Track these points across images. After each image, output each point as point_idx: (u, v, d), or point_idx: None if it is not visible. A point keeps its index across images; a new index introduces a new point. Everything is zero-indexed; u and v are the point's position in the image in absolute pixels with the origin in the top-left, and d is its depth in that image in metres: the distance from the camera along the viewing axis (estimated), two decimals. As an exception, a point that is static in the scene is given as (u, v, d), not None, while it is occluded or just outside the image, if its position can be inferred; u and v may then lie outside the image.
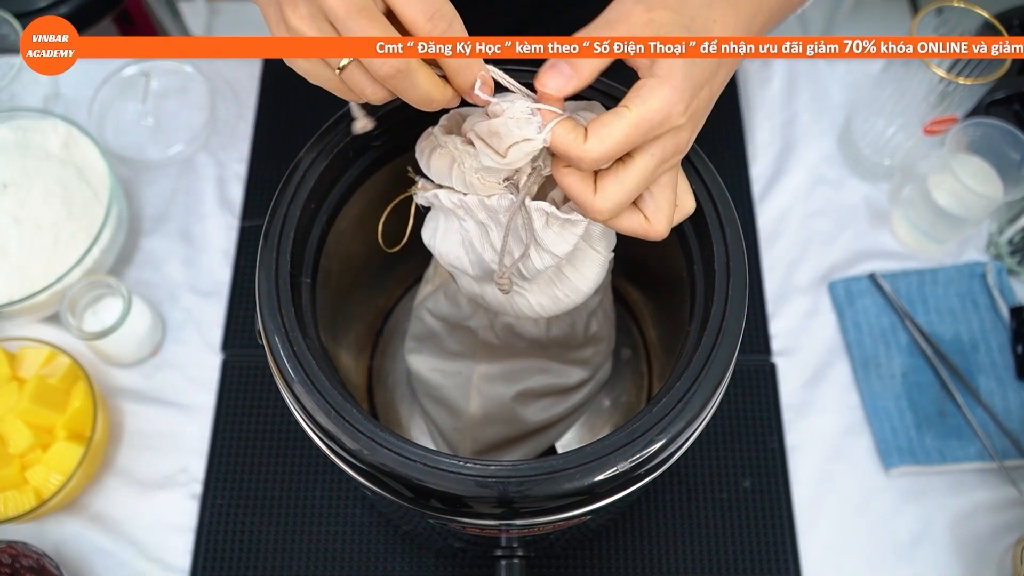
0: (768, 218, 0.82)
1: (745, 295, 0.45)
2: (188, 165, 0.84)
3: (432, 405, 0.62)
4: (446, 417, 0.62)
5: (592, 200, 0.39)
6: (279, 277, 0.45)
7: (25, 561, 0.61)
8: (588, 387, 0.62)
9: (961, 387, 0.73)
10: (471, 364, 0.59)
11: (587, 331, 0.59)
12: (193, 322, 0.77)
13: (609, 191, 0.39)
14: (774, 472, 0.71)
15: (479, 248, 0.45)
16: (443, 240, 0.47)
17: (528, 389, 0.59)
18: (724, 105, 0.87)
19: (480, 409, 0.59)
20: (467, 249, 0.46)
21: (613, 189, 0.39)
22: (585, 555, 0.69)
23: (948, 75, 0.67)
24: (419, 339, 0.62)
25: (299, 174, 0.48)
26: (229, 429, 0.72)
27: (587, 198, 0.39)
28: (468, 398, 0.60)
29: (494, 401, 0.59)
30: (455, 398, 0.60)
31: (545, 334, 0.57)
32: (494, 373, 0.59)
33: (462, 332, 0.59)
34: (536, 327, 0.57)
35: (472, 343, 0.59)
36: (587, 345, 0.60)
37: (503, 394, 0.59)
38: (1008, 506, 0.70)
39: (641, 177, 0.39)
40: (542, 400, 0.61)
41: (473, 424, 0.60)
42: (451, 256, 0.47)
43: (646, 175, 0.39)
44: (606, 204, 0.39)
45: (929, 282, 0.77)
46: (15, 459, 0.66)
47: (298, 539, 0.69)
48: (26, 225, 0.73)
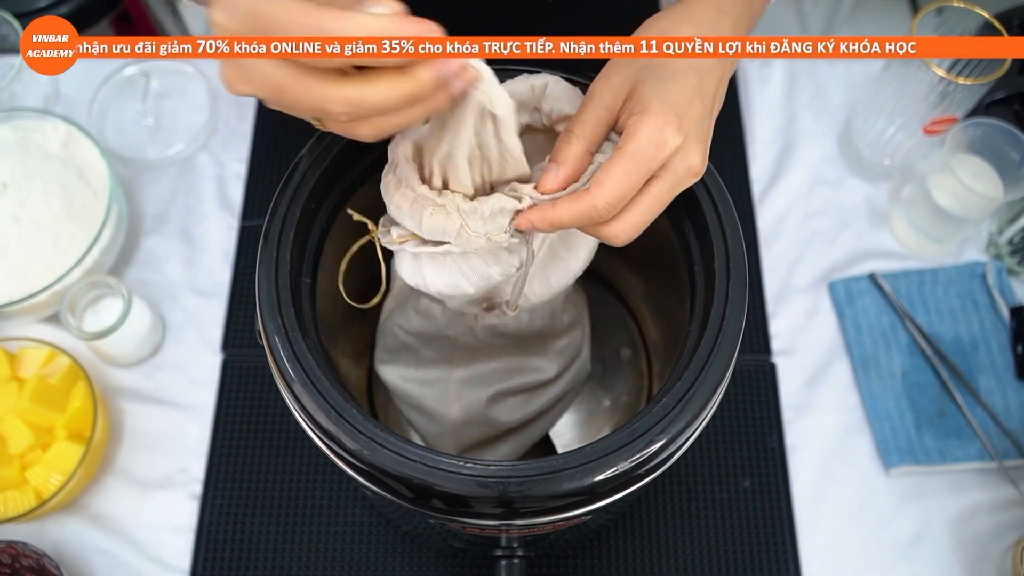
0: (768, 218, 0.82)
1: (745, 295, 0.45)
2: (188, 165, 0.84)
3: (412, 411, 0.62)
4: (426, 423, 0.61)
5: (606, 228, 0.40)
6: (279, 277, 0.45)
7: (25, 561, 0.61)
8: (565, 379, 0.62)
9: (961, 387, 0.73)
10: (448, 369, 0.59)
11: (563, 319, 0.59)
12: (193, 322, 0.77)
13: (625, 219, 0.40)
14: (774, 472, 0.71)
15: (486, 268, 0.44)
16: (435, 276, 0.45)
17: (502, 390, 0.59)
18: (724, 105, 0.86)
19: (460, 412, 0.59)
20: (467, 273, 0.44)
21: (628, 218, 0.39)
22: (585, 555, 0.69)
23: (948, 75, 0.67)
24: (391, 351, 0.61)
25: (299, 174, 0.48)
26: (229, 429, 0.72)
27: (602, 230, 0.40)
28: (448, 403, 0.59)
29: (473, 404, 0.59)
30: (434, 404, 0.60)
31: (528, 326, 0.57)
32: (471, 376, 0.58)
33: (440, 341, 0.58)
34: (518, 321, 0.56)
35: (449, 349, 0.58)
36: (564, 334, 0.60)
37: (479, 397, 0.59)
38: (1008, 506, 0.70)
39: (656, 202, 0.40)
40: (514, 398, 0.60)
41: (455, 428, 0.60)
42: (448, 288, 0.45)
43: (661, 200, 0.40)
44: (623, 230, 0.40)
45: (929, 282, 0.77)
46: (15, 459, 0.66)
47: (298, 539, 0.69)
48: (26, 225, 0.73)
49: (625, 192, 0.38)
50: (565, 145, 0.40)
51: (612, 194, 0.38)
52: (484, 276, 0.44)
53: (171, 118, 0.86)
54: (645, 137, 0.38)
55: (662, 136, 0.38)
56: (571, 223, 0.39)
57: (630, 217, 0.39)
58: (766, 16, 0.49)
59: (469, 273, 0.44)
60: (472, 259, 0.43)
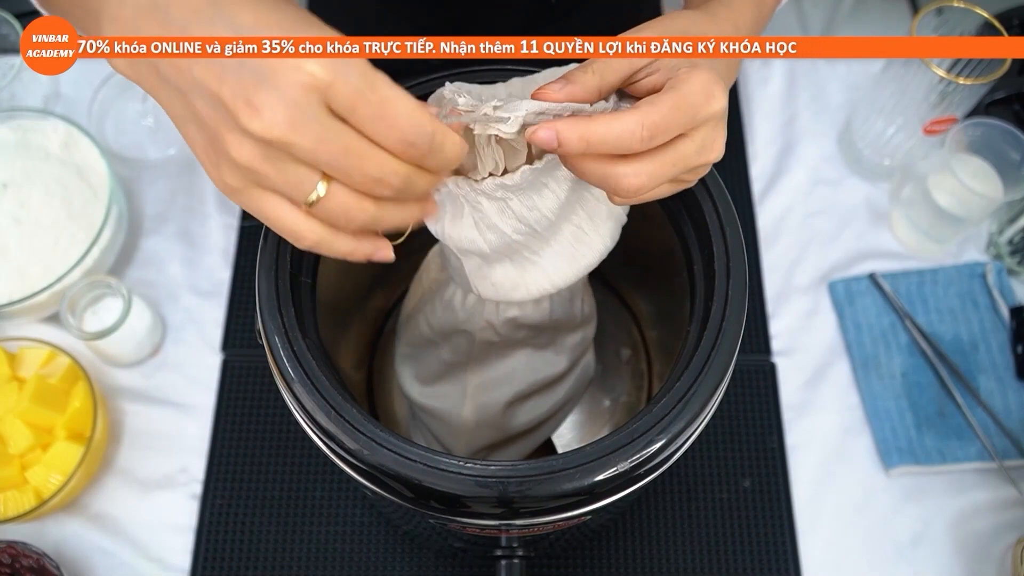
0: (768, 218, 0.82)
1: (745, 295, 0.45)
2: (188, 165, 0.84)
3: (426, 415, 0.62)
4: (439, 425, 0.62)
5: (625, 167, 0.37)
6: (279, 277, 0.45)
7: (25, 561, 0.61)
8: (573, 376, 0.61)
9: (961, 387, 0.73)
10: (463, 376, 0.59)
11: (582, 310, 0.58)
12: (193, 322, 0.77)
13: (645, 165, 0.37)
14: (774, 472, 0.71)
15: (500, 224, 0.44)
16: (453, 225, 0.45)
17: (519, 393, 0.59)
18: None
19: (473, 415, 0.59)
20: (482, 230, 0.44)
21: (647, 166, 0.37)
22: (585, 555, 0.69)
23: (948, 75, 0.67)
24: (414, 345, 0.61)
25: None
26: (229, 429, 0.72)
27: (620, 169, 0.37)
28: (462, 408, 0.59)
29: (487, 408, 0.59)
30: (449, 410, 0.60)
31: (548, 317, 0.56)
32: (487, 380, 0.58)
33: (458, 337, 0.58)
34: (539, 310, 0.55)
35: (467, 347, 0.58)
36: (579, 328, 0.59)
37: (496, 401, 0.59)
38: (1008, 506, 0.70)
39: (679, 161, 0.38)
40: (531, 400, 0.60)
41: (466, 430, 0.60)
42: (464, 241, 0.45)
43: (683, 161, 0.38)
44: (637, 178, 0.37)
45: (929, 282, 0.77)
46: (15, 459, 0.66)
47: (298, 539, 0.69)
48: (26, 225, 0.73)
49: (669, 126, 0.36)
50: (580, 71, 0.38)
51: (658, 120, 0.36)
52: (497, 232, 0.44)
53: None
54: (698, 85, 0.37)
55: (712, 90, 0.37)
56: (603, 140, 0.36)
57: (650, 166, 0.37)
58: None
59: (484, 230, 0.44)
60: (486, 206, 0.43)
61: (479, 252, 0.46)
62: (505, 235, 0.44)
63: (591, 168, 0.38)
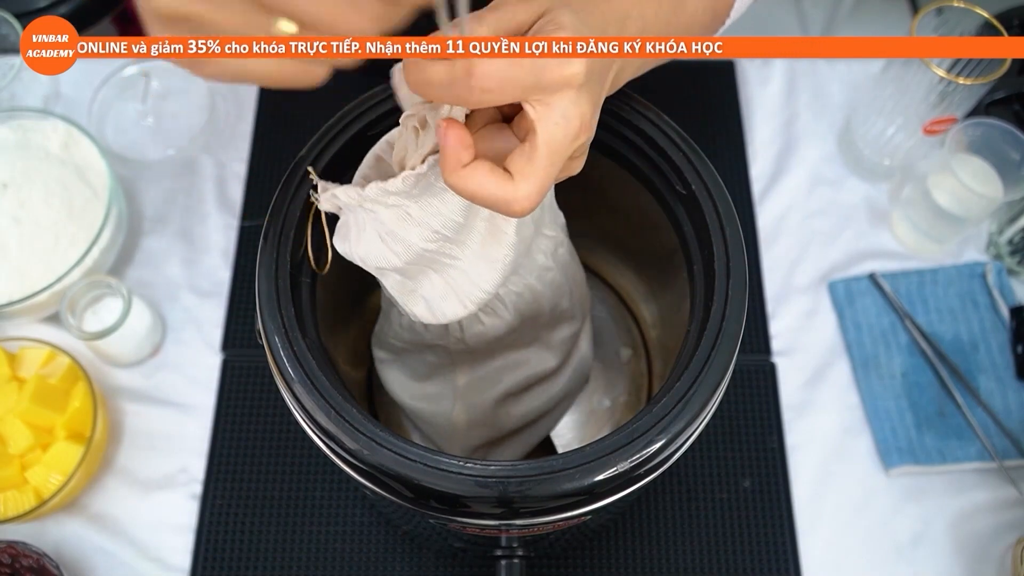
0: (768, 218, 0.82)
1: (745, 295, 0.45)
2: (188, 165, 0.84)
3: (417, 419, 0.62)
4: (432, 428, 0.61)
5: (512, 193, 0.36)
6: (279, 277, 0.45)
7: (25, 561, 0.61)
8: (566, 373, 0.61)
9: (961, 387, 0.73)
10: (451, 376, 0.58)
11: (556, 308, 0.57)
12: (193, 322, 0.77)
13: (530, 177, 0.36)
14: (774, 472, 0.71)
15: (402, 233, 0.42)
16: (358, 242, 0.44)
17: (508, 389, 0.58)
18: (724, 105, 0.87)
19: (464, 415, 0.59)
20: (388, 242, 0.43)
21: (531, 175, 0.36)
22: (585, 555, 0.69)
23: (948, 75, 0.67)
24: (394, 352, 0.60)
25: (299, 174, 0.48)
26: (229, 429, 0.72)
27: (507, 195, 0.36)
28: (452, 409, 0.59)
29: (478, 407, 0.59)
30: (439, 412, 0.60)
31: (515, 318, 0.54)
32: (476, 379, 0.58)
33: (436, 349, 0.57)
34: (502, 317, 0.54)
35: (447, 356, 0.57)
36: (565, 322, 0.58)
37: (487, 398, 0.58)
38: (1008, 506, 0.70)
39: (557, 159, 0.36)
40: (523, 397, 0.60)
41: (459, 431, 0.60)
42: (372, 257, 0.44)
43: (559, 158, 0.36)
44: (528, 193, 0.36)
45: (929, 282, 0.77)
46: (15, 459, 0.66)
47: (298, 539, 0.69)
48: (26, 225, 0.73)
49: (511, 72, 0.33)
50: (474, 18, 0.35)
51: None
52: (403, 243, 0.43)
53: (171, 118, 0.86)
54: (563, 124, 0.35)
55: (582, 120, 0.35)
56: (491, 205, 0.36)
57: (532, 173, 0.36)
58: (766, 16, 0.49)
59: (389, 242, 0.43)
60: (383, 215, 0.42)
61: (393, 267, 0.45)
62: (413, 245, 0.43)
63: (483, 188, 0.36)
